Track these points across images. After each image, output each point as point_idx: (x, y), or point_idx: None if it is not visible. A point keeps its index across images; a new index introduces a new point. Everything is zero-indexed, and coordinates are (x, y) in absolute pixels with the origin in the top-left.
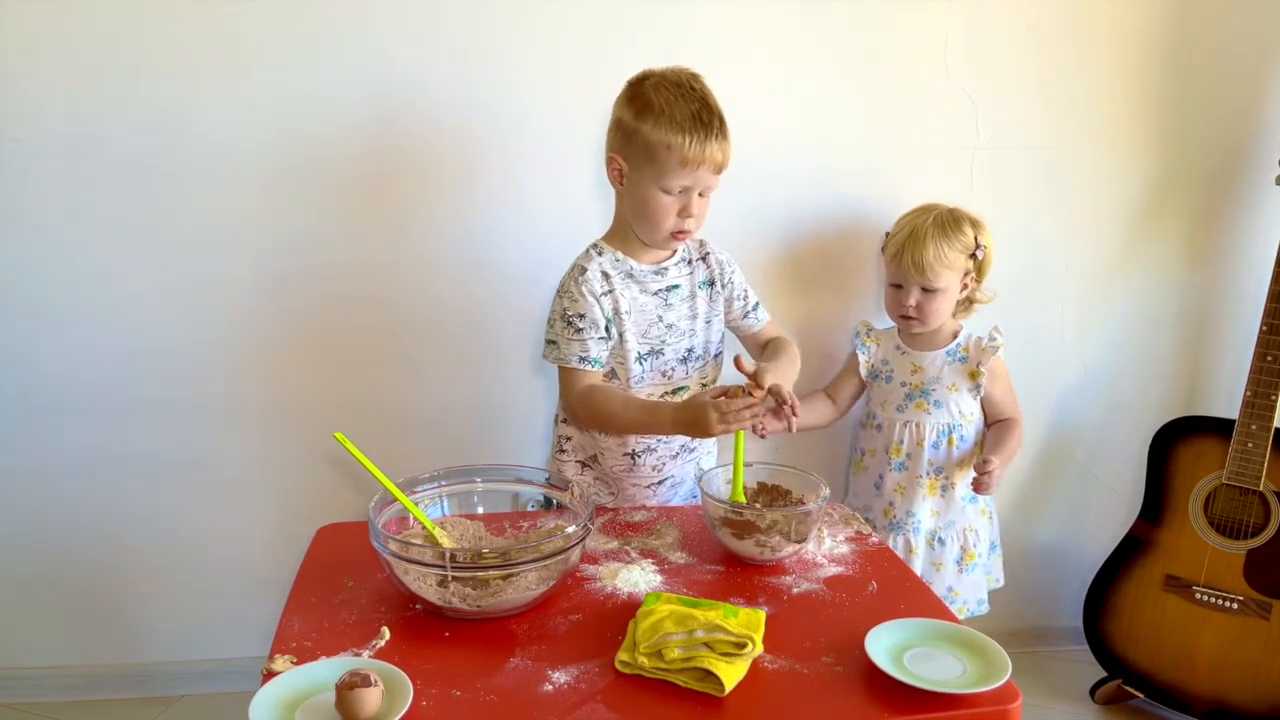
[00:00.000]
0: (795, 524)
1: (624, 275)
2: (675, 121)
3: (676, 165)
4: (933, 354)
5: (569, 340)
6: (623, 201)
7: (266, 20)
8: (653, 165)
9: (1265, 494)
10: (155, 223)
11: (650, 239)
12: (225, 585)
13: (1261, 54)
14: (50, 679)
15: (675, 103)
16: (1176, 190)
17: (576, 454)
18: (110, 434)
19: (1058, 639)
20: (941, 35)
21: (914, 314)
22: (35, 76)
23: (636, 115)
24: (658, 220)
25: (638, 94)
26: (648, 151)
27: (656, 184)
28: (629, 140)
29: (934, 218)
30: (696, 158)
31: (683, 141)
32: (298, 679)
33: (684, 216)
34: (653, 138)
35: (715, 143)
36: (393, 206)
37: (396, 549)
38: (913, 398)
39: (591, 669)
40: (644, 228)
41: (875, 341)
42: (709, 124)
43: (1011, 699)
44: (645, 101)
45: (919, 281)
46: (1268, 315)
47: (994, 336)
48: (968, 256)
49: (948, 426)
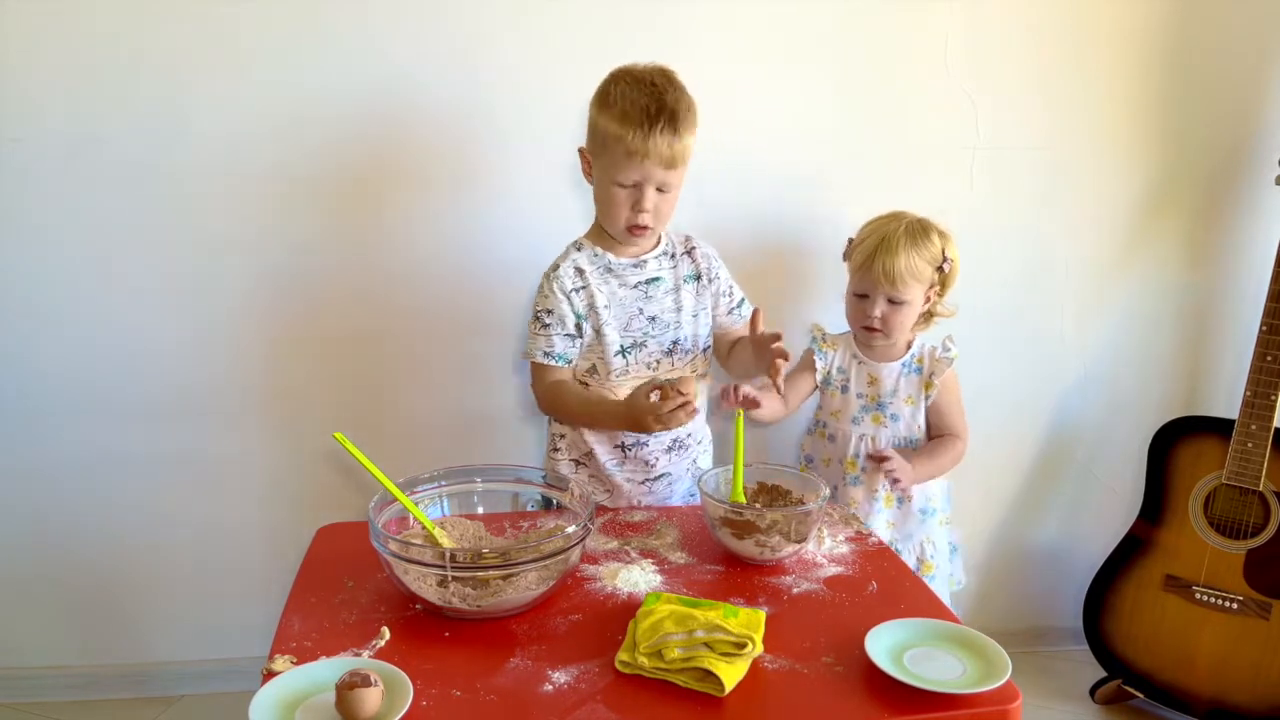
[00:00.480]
0: (795, 524)
1: (602, 269)
2: (625, 114)
3: (623, 157)
4: (889, 365)
5: (535, 335)
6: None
7: (266, 20)
8: (606, 157)
9: (1265, 494)
10: (155, 223)
11: (612, 232)
12: (225, 585)
13: (1261, 54)
14: (50, 679)
15: (630, 96)
16: (1176, 190)
17: (570, 452)
18: (110, 434)
19: (1058, 639)
20: (941, 35)
21: (878, 325)
22: (35, 76)
23: (598, 109)
24: (612, 213)
25: (604, 89)
26: (603, 143)
27: (609, 176)
28: (592, 133)
29: (905, 226)
30: (640, 150)
31: (627, 134)
32: (298, 679)
33: (637, 210)
34: (606, 130)
35: (660, 136)
36: (392, 207)
37: (396, 549)
38: (869, 410)
39: (591, 669)
40: (605, 221)
41: (831, 347)
42: (655, 117)
43: (1011, 699)
44: (605, 95)
45: (887, 292)
46: (1268, 315)
47: (948, 347)
48: (934, 269)
49: (905, 440)
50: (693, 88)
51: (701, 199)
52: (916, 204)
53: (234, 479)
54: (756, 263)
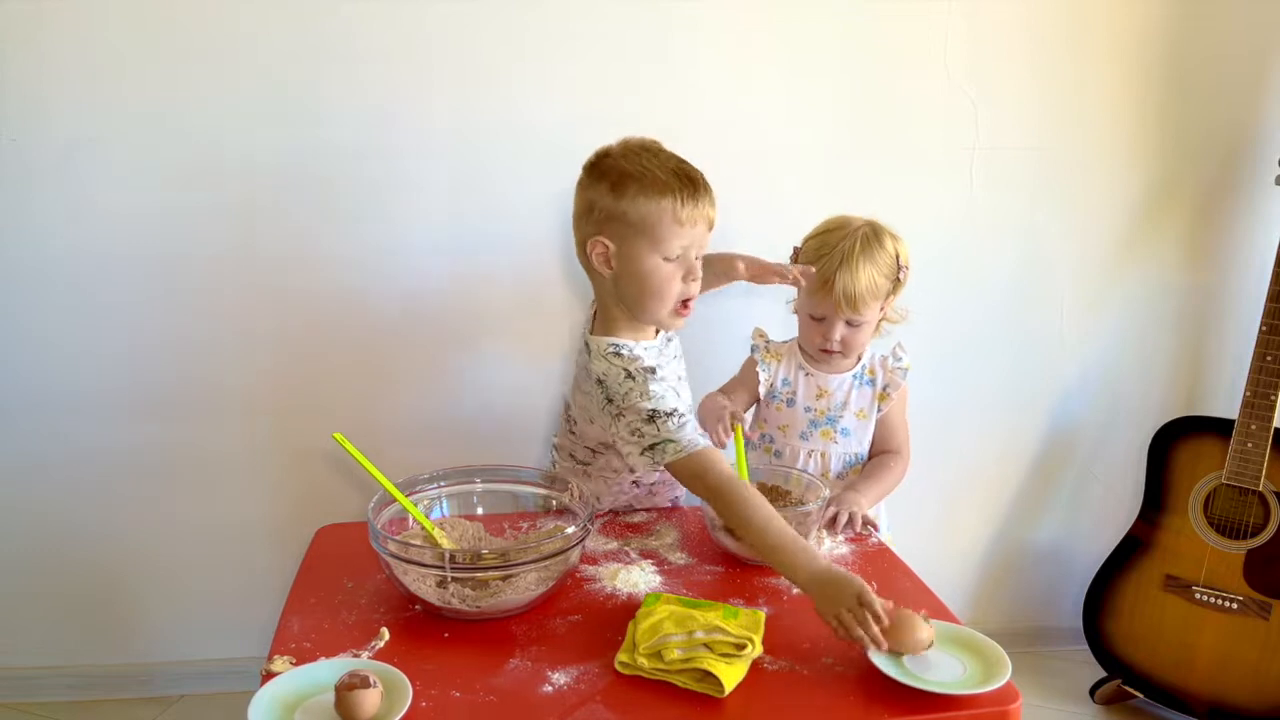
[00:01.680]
0: (795, 524)
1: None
2: (661, 182)
3: (672, 226)
4: (839, 377)
5: (680, 427)
6: (613, 287)
7: (267, 21)
8: (647, 233)
9: (1265, 494)
10: (155, 222)
11: (657, 317)
12: (225, 585)
13: (1261, 54)
14: (50, 679)
15: (653, 165)
16: (1176, 191)
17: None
18: (110, 434)
19: (1057, 639)
20: (941, 36)
21: (838, 349)
22: (35, 76)
23: (614, 189)
24: (665, 292)
25: (608, 169)
26: (638, 220)
27: (654, 253)
28: (610, 217)
29: (860, 239)
30: (692, 216)
31: (674, 202)
32: (297, 680)
33: (689, 280)
34: (640, 204)
35: (705, 196)
36: (393, 208)
37: (396, 550)
38: (818, 424)
39: (591, 669)
40: (649, 305)
41: (775, 357)
42: (695, 178)
43: (1011, 699)
44: (620, 173)
45: (847, 315)
46: (1267, 315)
47: (899, 356)
48: (892, 280)
49: (855, 456)
50: (692, 88)
51: None
52: (916, 204)
53: (234, 479)
54: None
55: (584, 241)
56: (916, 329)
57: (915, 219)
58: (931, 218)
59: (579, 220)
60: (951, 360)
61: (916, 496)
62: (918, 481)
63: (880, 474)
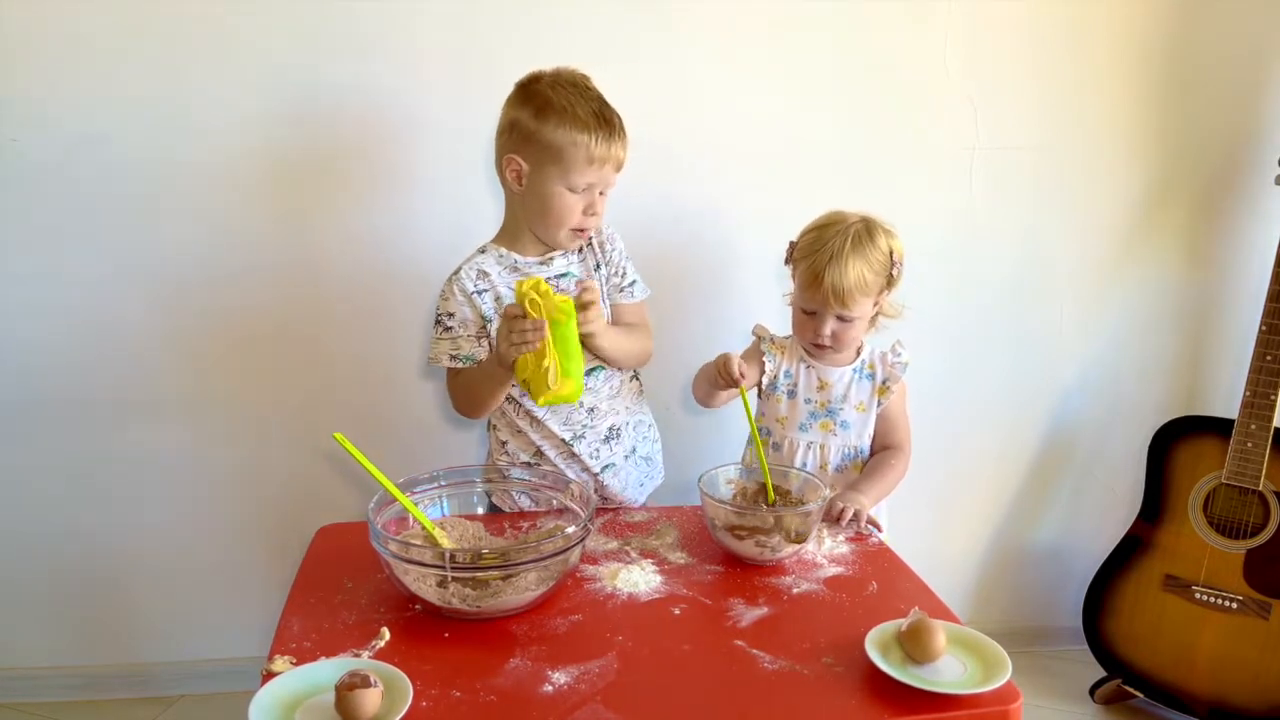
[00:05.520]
0: (796, 524)
1: (508, 269)
2: (580, 119)
3: (583, 163)
4: (840, 370)
5: (438, 339)
6: (519, 201)
7: (267, 21)
8: (558, 164)
9: (1265, 494)
10: (155, 222)
11: (550, 237)
12: (225, 585)
13: (1260, 54)
14: (50, 679)
15: (577, 102)
16: (1176, 190)
17: (515, 457)
18: (109, 433)
19: (1057, 639)
20: (941, 36)
21: (829, 343)
22: (35, 76)
23: (537, 114)
24: (562, 218)
25: (534, 94)
26: (552, 150)
27: (561, 182)
28: (528, 139)
29: (851, 236)
30: (602, 155)
31: (589, 139)
32: (297, 680)
33: (588, 214)
34: (557, 136)
35: (618, 140)
36: (393, 206)
37: (396, 549)
38: (818, 416)
39: (591, 669)
40: (545, 226)
41: (779, 350)
42: (611, 121)
43: (1012, 699)
44: (544, 100)
45: (837, 311)
46: (1267, 315)
47: (898, 351)
48: (884, 277)
49: (854, 449)
50: (691, 88)
51: (700, 200)
52: (916, 203)
53: (234, 479)
54: (755, 264)
55: (501, 156)
56: (917, 329)
57: (915, 218)
58: (931, 217)
59: (500, 134)
60: (951, 360)
61: (917, 496)
62: (918, 481)
63: (882, 472)
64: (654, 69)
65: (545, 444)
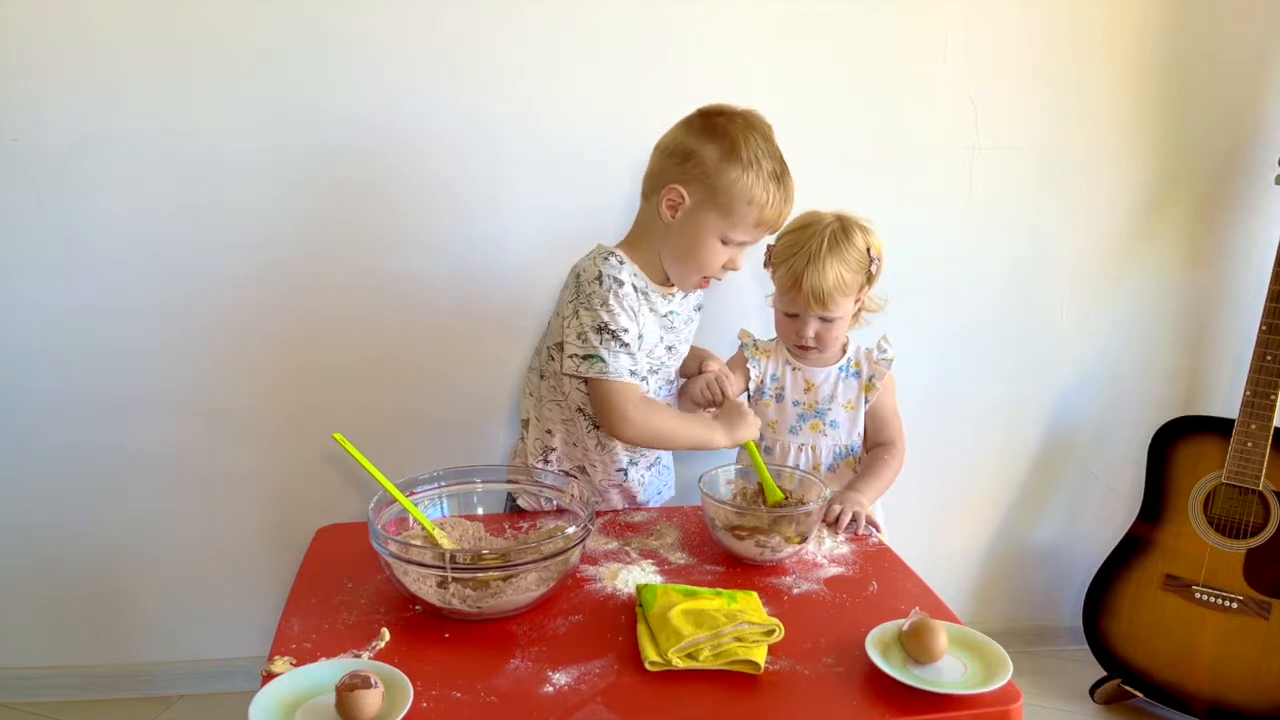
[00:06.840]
0: (797, 524)
1: (640, 292)
2: (762, 180)
3: (750, 224)
4: (825, 370)
5: (616, 353)
6: (663, 230)
7: (267, 21)
8: (725, 215)
9: (1265, 493)
10: (155, 223)
11: (679, 277)
12: (225, 585)
13: (1261, 54)
14: (50, 679)
15: (763, 158)
16: (1176, 190)
17: (560, 464)
18: (109, 433)
19: (1057, 638)
20: (941, 34)
21: (812, 344)
22: (35, 76)
23: (721, 157)
24: (703, 264)
25: (722, 133)
26: (725, 198)
27: (719, 232)
28: (701, 178)
29: (828, 236)
30: (770, 221)
31: (765, 202)
32: (297, 680)
33: (726, 268)
34: (736, 188)
35: (788, 207)
36: (392, 209)
37: (396, 550)
38: (806, 418)
39: (591, 670)
40: (682, 265)
41: (764, 354)
42: (788, 189)
43: (1013, 699)
44: (732, 145)
45: (818, 312)
46: (1267, 315)
47: (884, 348)
48: (863, 274)
49: (845, 449)
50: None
51: None
52: (916, 203)
53: (234, 479)
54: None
55: (664, 181)
56: (917, 329)
57: (915, 218)
58: (931, 217)
59: (669, 157)
60: (951, 360)
61: (917, 496)
62: (918, 481)
63: (877, 470)
64: (652, 69)
65: (598, 465)
